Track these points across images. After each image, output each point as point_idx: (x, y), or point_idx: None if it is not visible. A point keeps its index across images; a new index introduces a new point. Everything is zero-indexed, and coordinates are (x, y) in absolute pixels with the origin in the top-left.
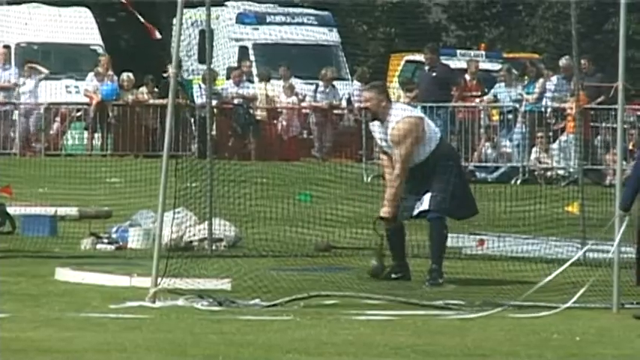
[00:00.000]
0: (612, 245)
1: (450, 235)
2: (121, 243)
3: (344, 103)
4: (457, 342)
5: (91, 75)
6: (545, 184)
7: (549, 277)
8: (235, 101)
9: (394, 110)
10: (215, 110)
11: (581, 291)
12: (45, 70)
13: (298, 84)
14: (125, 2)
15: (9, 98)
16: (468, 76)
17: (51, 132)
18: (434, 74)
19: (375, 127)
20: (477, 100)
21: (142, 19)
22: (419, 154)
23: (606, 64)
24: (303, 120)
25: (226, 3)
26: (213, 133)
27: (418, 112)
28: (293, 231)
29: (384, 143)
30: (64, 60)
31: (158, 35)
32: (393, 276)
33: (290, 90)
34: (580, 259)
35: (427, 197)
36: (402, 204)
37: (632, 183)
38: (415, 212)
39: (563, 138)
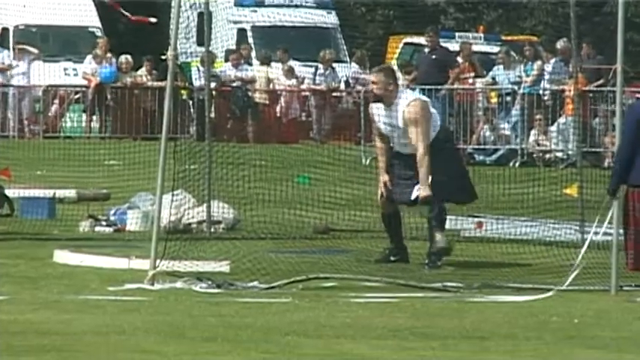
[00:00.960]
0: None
1: (448, 217)
2: (119, 225)
3: (343, 86)
4: (455, 324)
5: (89, 57)
6: (544, 166)
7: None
8: (234, 84)
9: (403, 94)
10: (213, 93)
11: (574, 273)
12: (35, 51)
13: (297, 66)
14: (112, 4)
15: (5, 81)
16: (460, 59)
17: (49, 114)
18: (434, 56)
19: (377, 109)
20: (470, 81)
21: (130, 17)
22: None
23: (605, 46)
24: (302, 102)
25: None
26: (212, 115)
27: (424, 97)
28: (291, 213)
29: (387, 127)
30: (62, 42)
31: (153, 20)
32: (391, 258)
33: (290, 73)
34: (578, 241)
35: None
36: (395, 188)
37: (616, 167)
38: (413, 196)
39: (561, 120)
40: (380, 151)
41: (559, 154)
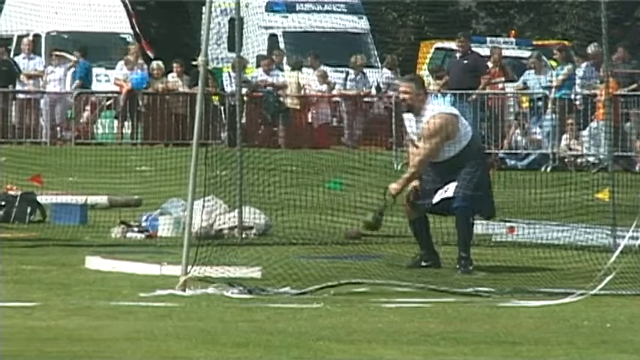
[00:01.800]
0: None
1: (480, 222)
2: (151, 231)
3: (374, 91)
4: (487, 329)
5: (121, 63)
6: (576, 171)
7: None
8: (265, 89)
9: (430, 105)
10: (245, 98)
11: (608, 278)
12: (73, 58)
13: (328, 72)
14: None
15: (37, 87)
16: (490, 64)
17: (81, 121)
18: (465, 61)
19: (408, 119)
20: (500, 86)
21: (143, 38)
22: (449, 150)
23: (636, 50)
24: (333, 108)
25: None
26: (243, 121)
27: (454, 110)
28: (323, 219)
29: (414, 137)
30: (94, 48)
31: (151, 55)
32: (423, 264)
33: (322, 78)
34: (610, 245)
35: (452, 186)
36: (422, 189)
37: None
38: (438, 198)
39: (593, 125)
40: (414, 153)
41: (591, 159)
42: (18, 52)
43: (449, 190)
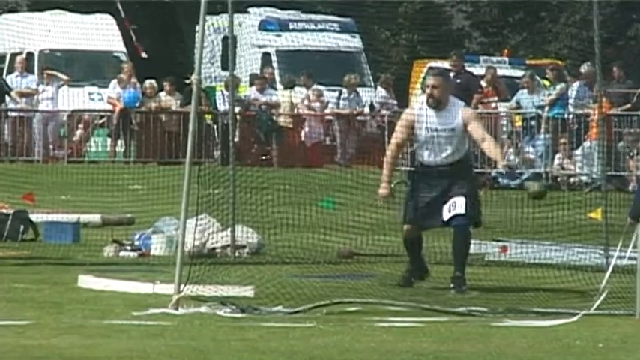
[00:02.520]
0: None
1: (472, 241)
2: (143, 250)
3: (367, 110)
4: (480, 348)
5: (114, 82)
6: (569, 190)
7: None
8: (258, 108)
9: (452, 98)
10: (238, 117)
11: (600, 298)
12: (64, 77)
13: (322, 90)
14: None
15: (29, 105)
16: (484, 83)
17: (74, 139)
18: (458, 80)
19: (421, 114)
20: (493, 105)
21: (133, 37)
22: (459, 152)
23: (630, 69)
24: (326, 127)
25: (249, 10)
26: (236, 139)
27: None
28: (316, 238)
29: (432, 133)
30: (87, 67)
31: (144, 55)
32: (412, 279)
33: (317, 97)
34: (603, 265)
35: (461, 201)
36: (423, 212)
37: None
38: (449, 216)
39: (586, 144)
40: (392, 161)
41: (583, 178)
42: (11, 70)
43: (457, 205)
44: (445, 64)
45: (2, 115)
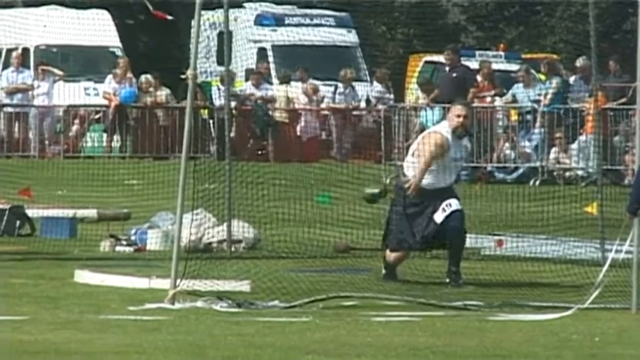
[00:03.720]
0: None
1: (468, 235)
2: (139, 245)
3: (363, 104)
4: (476, 343)
5: (109, 77)
6: (564, 184)
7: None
8: (254, 103)
9: None
10: (234, 112)
11: (596, 292)
12: (59, 72)
13: (317, 85)
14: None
15: (25, 100)
16: (479, 77)
17: (70, 134)
18: (454, 74)
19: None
20: (488, 99)
21: (150, 7)
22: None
23: (625, 64)
24: (322, 121)
25: (244, 5)
26: (232, 134)
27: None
28: (312, 232)
29: (453, 162)
30: (82, 62)
31: (169, 17)
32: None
33: (314, 91)
34: (598, 259)
35: (455, 201)
36: (410, 230)
37: (636, 186)
38: (444, 215)
39: (582, 138)
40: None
41: (579, 172)
42: (7, 65)
43: (452, 204)
44: (441, 58)
45: None
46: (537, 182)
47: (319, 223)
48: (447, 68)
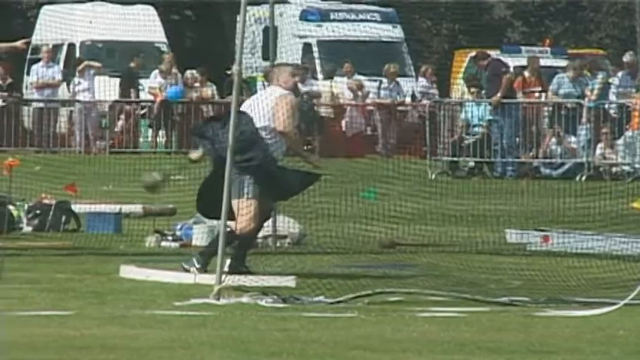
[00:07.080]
0: None
1: (514, 231)
2: (185, 240)
3: (408, 100)
4: (522, 339)
5: (155, 72)
6: (611, 180)
7: None
8: (299, 98)
9: None
10: None
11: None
12: (97, 65)
13: (362, 80)
14: None
15: (53, 96)
16: (527, 73)
17: (115, 130)
18: (486, 71)
19: None
20: (536, 95)
21: None
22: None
23: None
24: (367, 117)
25: (290, 0)
26: None
27: None
28: (357, 228)
29: None
30: (128, 58)
31: None
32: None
33: (358, 87)
34: None
35: None
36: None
37: None
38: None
39: (628, 134)
40: None
41: (626, 168)
42: (56, 60)
43: None
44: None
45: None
46: (583, 178)
47: (365, 218)
48: (481, 68)
